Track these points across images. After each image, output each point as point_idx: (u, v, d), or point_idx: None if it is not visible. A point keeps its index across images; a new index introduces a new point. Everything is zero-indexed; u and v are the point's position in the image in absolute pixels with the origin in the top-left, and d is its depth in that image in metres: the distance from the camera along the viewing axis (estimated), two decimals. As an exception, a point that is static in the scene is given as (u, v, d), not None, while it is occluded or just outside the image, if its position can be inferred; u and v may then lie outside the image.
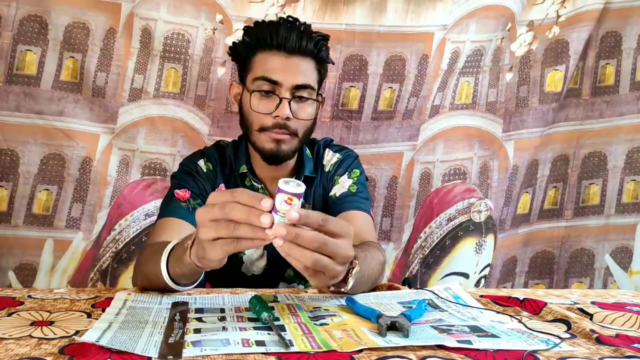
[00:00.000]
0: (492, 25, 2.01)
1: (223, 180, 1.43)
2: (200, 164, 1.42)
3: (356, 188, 1.43)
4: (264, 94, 1.31)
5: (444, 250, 2.14)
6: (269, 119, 1.31)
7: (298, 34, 1.32)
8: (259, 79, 1.31)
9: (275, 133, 1.31)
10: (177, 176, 1.41)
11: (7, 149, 1.82)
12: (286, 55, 1.32)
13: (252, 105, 1.32)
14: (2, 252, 1.85)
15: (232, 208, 0.79)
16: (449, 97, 2.07)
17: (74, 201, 1.90)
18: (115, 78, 1.86)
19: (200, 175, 1.39)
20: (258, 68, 1.33)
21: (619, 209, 2.24)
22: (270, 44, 1.32)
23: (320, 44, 1.35)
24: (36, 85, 1.80)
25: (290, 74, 1.31)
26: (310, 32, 1.34)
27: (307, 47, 1.33)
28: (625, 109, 2.18)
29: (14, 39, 1.76)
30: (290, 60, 1.32)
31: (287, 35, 1.31)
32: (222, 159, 1.46)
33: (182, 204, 1.32)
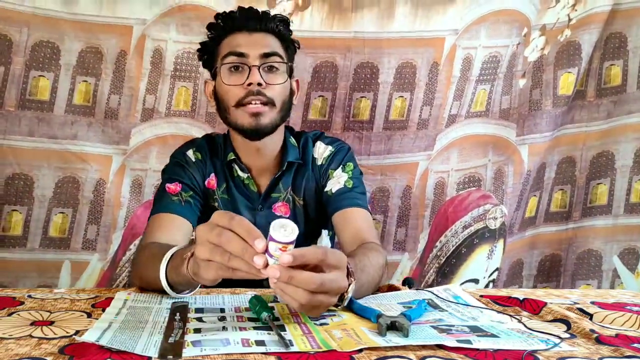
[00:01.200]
0: (504, 31, 2.00)
1: (213, 170, 1.42)
2: (189, 154, 1.42)
3: (352, 183, 1.41)
4: (234, 69, 1.32)
5: (460, 258, 2.13)
6: (242, 90, 1.31)
7: (257, 16, 1.36)
8: (227, 56, 1.33)
9: (252, 106, 1.30)
10: (167, 170, 1.41)
11: (20, 174, 1.84)
12: (249, 33, 1.34)
13: (224, 79, 1.33)
14: (18, 276, 1.87)
15: (228, 239, 0.78)
16: (466, 106, 2.06)
17: (89, 223, 1.92)
18: (128, 99, 1.88)
19: (189, 165, 1.40)
20: (224, 49, 1.35)
21: (627, 209, 2.23)
22: (232, 27, 1.35)
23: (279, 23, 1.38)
24: (49, 110, 1.83)
25: (255, 45, 1.32)
26: (268, 14, 1.38)
27: (268, 25, 1.35)
28: (633, 107, 2.16)
29: (26, 64, 1.78)
30: (254, 35, 1.34)
31: (246, 17, 1.35)
32: (212, 148, 1.45)
33: (173, 198, 1.33)
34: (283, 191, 1.42)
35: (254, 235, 0.78)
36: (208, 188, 1.42)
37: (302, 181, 1.44)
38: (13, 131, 1.80)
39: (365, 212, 1.38)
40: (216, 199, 1.41)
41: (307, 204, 1.45)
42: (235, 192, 1.42)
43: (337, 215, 1.37)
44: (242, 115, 1.32)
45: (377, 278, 1.13)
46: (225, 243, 0.78)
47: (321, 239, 1.54)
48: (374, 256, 1.14)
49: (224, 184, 1.42)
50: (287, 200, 1.43)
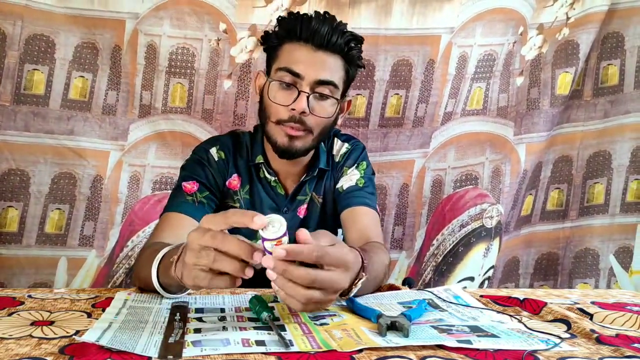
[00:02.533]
0: (500, 29, 2.00)
1: (236, 170, 1.40)
2: (212, 152, 1.39)
3: (363, 182, 1.40)
4: (284, 86, 1.27)
5: (457, 257, 2.14)
6: (286, 111, 1.27)
7: (329, 29, 1.26)
8: (282, 70, 1.27)
9: (289, 128, 1.27)
10: (186, 166, 1.38)
11: (16, 169, 1.83)
12: (313, 49, 1.27)
13: (270, 95, 1.28)
14: (14, 272, 1.86)
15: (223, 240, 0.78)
16: (461, 104, 2.06)
17: (86, 219, 1.91)
18: (125, 95, 1.87)
19: (210, 165, 1.37)
20: (282, 59, 1.29)
21: (623, 208, 2.24)
22: (299, 35, 1.27)
23: (351, 43, 1.30)
24: (45, 105, 1.81)
25: (314, 68, 1.26)
26: (342, 30, 1.29)
27: (336, 43, 1.27)
28: (630, 107, 2.18)
29: (21, 58, 1.77)
30: (316, 54, 1.27)
31: (317, 29, 1.26)
32: (237, 147, 1.42)
33: (188, 197, 1.30)
34: (308, 193, 1.42)
35: (250, 214, 0.77)
36: (229, 188, 1.39)
37: (323, 182, 1.44)
38: (8, 126, 1.79)
39: (373, 212, 1.37)
40: (238, 199, 1.39)
41: (325, 202, 1.44)
42: (261, 193, 1.40)
43: (345, 212, 1.36)
44: (278, 133, 1.29)
45: (381, 276, 1.14)
46: (221, 244, 0.78)
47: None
48: (379, 254, 1.14)
49: (248, 184, 1.40)
50: (311, 200, 1.43)
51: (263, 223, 0.76)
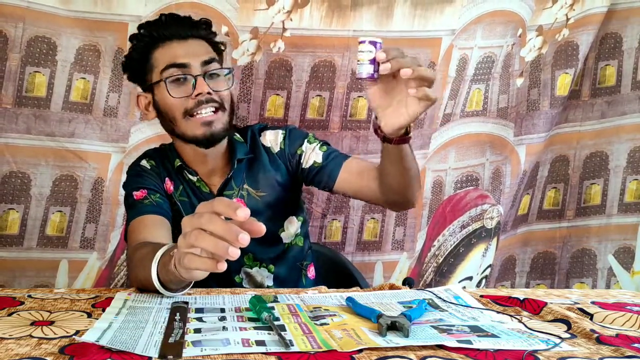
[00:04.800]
0: (500, 31, 2.00)
1: (167, 175, 1.41)
2: (143, 163, 1.42)
3: (326, 148, 1.42)
4: (179, 81, 1.30)
5: (458, 257, 2.14)
6: (190, 101, 1.29)
7: (183, 23, 1.35)
8: (167, 68, 1.30)
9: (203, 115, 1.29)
10: (127, 183, 1.40)
11: (17, 172, 1.82)
12: (181, 41, 1.33)
13: (171, 92, 1.29)
14: (15, 275, 1.85)
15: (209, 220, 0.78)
16: (460, 105, 2.07)
17: (88, 222, 1.90)
18: (127, 98, 1.86)
19: (146, 173, 1.39)
20: (161, 61, 1.32)
21: (622, 208, 2.24)
22: (163, 37, 1.33)
23: (205, 27, 1.38)
24: (46, 107, 1.80)
25: (193, 53, 1.31)
26: (192, 19, 1.37)
27: (197, 32, 1.35)
28: (627, 108, 2.18)
29: (22, 60, 1.76)
30: (187, 43, 1.33)
31: (176, 24, 1.34)
32: (162, 155, 1.45)
33: (144, 201, 1.32)
34: (236, 188, 1.40)
35: (234, 206, 0.77)
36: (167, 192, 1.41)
37: (257, 173, 1.42)
38: (10, 128, 1.78)
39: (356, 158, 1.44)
40: (175, 202, 1.40)
41: (268, 194, 1.42)
42: (191, 194, 1.40)
43: (340, 177, 1.38)
44: (193, 126, 1.30)
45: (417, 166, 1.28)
46: (207, 224, 0.77)
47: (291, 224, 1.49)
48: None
49: (180, 186, 1.41)
50: (241, 196, 1.41)
51: (246, 216, 0.76)
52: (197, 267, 0.81)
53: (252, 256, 1.41)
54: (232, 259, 0.76)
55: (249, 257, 1.41)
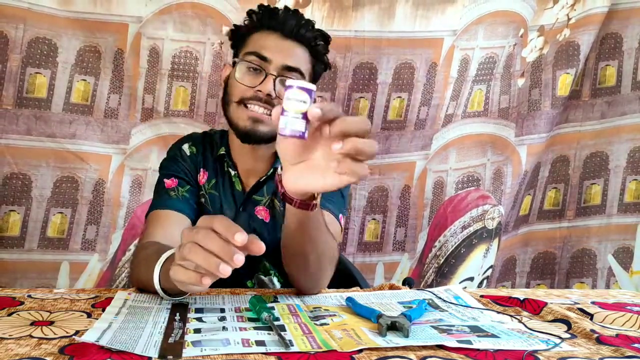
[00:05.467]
0: (501, 32, 2.01)
1: (203, 165, 1.38)
2: (184, 148, 1.39)
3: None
4: (252, 70, 1.27)
5: (459, 258, 2.14)
6: (250, 91, 1.25)
7: (297, 21, 1.29)
8: (250, 54, 1.27)
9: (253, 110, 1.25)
10: (163, 165, 1.38)
11: (18, 173, 1.82)
12: (281, 37, 1.28)
13: (237, 76, 1.27)
14: (16, 277, 1.86)
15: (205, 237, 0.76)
16: (462, 106, 2.07)
17: (89, 223, 1.91)
18: (127, 99, 1.87)
19: (184, 160, 1.37)
20: (251, 45, 1.30)
21: (621, 208, 2.24)
22: (269, 24, 1.29)
23: (319, 39, 1.32)
24: (47, 108, 1.81)
25: (282, 54, 1.26)
26: (310, 23, 1.31)
27: (304, 35, 1.29)
28: (627, 108, 2.18)
29: (23, 61, 1.76)
30: (285, 42, 1.28)
31: (285, 19, 1.28)
32: (208, 142, 1.41)
33: (171, 193, 1.30)
34: (267, 196, 1.36)
35: (233, 230, 0.75)
36: (198, 183, 1.38)
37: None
38: (10, 130, 1.78)
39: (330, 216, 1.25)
40: (203, 194, 1.37)
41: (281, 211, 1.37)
42: (223, 188, 1.37)
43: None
44: (241, 115, 1.27)
45: (333, 243, 1.08)
46: (203, 240, 0.76)
47: None
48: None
49: (214, 179, 1.38)
50: (269, 206, 1.37)
51: (243, 241, 0.75)
52: (181, 280, 0.80)
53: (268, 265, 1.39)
54: (223, 276, 0.75)
55: (264, 266, 1.39)
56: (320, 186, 0.84)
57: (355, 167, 0.78)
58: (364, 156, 0.78)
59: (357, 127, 0.77)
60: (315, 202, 0.92)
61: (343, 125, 0.77)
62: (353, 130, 0.77)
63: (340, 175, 0.80)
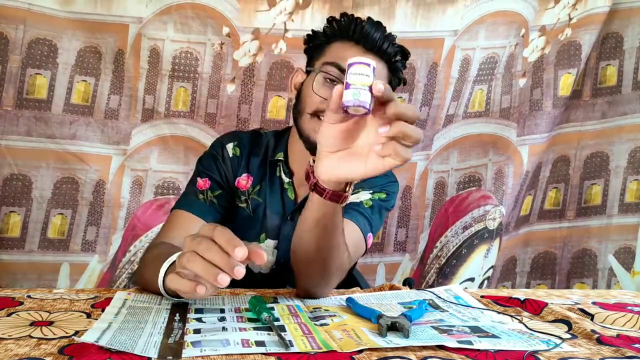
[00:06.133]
0: (502, 32, 2.00)
1: (247, 170, 1.33)
2: (228, 148, 1.34)
3: (370, 204, 1.26)
4: (329, 81, 1.21)
5: (460, 259, 2.14)
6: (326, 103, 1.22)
7: (381, 35, 1.23)
8: (330, 64, 1.22)
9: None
10: (202, 160, 1.34)
11: (18, 174, 1.83)
12: (363, 50, 1.22)
13: (314, 86, 1.21)
14: (16, 278, 1.86)
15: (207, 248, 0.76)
16: (462, 106, 2.06)
17: (89, 224, 1.91)
18: (128, 100, 1.87)
19: (224, 161, 1.32)
20: (331, 55, 1.25)
21: (622, 208, 2.24)
22: (351, 36, 1.24)
23: (399, 55, 1.27)
24: (47, 110, 1.81)
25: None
26: (393, 38, 1.26)
27: (386, 50, 1.24)
28: (627, 108, 2.18)
29: (23, 62, 1.76)
30: (366, 55, 1.21)
31: (369, 32, 1.22)
32: (255, 145, 1.36)
33: (200, 195, 1.27)
34: None
35: (234, 243, 0.75)
36: (237, 187, 1.34)
37: None
38: (11, 131, 1.79)
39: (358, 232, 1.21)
40: (245, 200, 1.33)
41: None
42: (271, 195, 1.33)
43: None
44: (314, 127, 1.20)
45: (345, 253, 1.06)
46: (204, 251, 0.76)
47: None
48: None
49: (259, 185, 1.34)
50: None
51: (243, 256, 0.75)
52: (176, 288, 0.80)
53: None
54: (222, 286, 0.75)
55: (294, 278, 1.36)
56: (362, 172, 0.85)
57: (399, 149, 0.79)
58: (410, 140, 0.79)
59: (410, 113, 0.79)
60: (346, 194, 0.92)
61: (397, 108, 0.78)
62: (406, 115, 0.78)
63: (383, 159, 0.81)
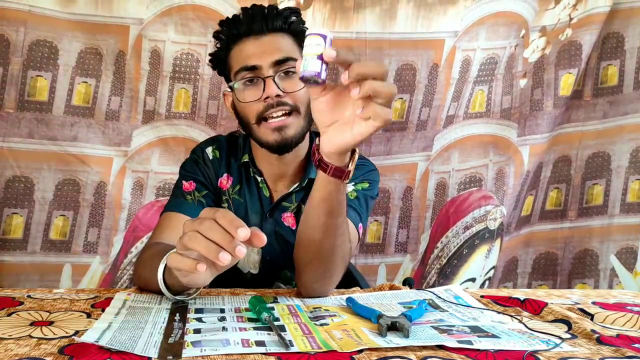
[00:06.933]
0: (503, 33, 2.00)
1: (227, 170, 1.36)
2: (208, 151, 1.37)
3: (355, 195, 1.28)
4: (248, 83, 1.23)
5: (461, 259, 2.14)
6: (261, 105, 1.22)
7: (261, 15, 1.25)
8: (238, 72, 1.24)
9: (274, 120, 1.21)
10: (185, 165, 1.36)
11: (20, 176, 1.83)
12: (256, 38, 1.24)
13: (240, 97, 1.23)
14: (19, 279, 1.86)
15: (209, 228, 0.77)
16: (463, 107, 2.06)
17: (90, 226, 1.91)
18: (129, 101, 1.87)
19: (205, 163, 1.35)
20: (235, 62, 1.26)
21: (624, 208, 2.23)
22: (238, 34, 1.26)
23: (291, 17, 1.27)
24: (48, 111, 1.81)
25: (265, 53, 1.22)
26: (274, 9, 1.27)
27: (275, 24, 1.25)
28: (629, 108, 2.18)
29: (24, 64, 1.77)
30: (261, 40, 1.24)
31: (250, 20, 1.24)
32: (232, 147, 1.39)
33: (187, 197, 1.29)
34: (295, 202, 1.34)
35: (236, 224, 0.76)
36: (220, 188, 1.36)
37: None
38: (12, 133, 1.79)
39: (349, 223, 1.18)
40: (227, 199, 1.36)
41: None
42: (249, 194, 1.35)
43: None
44: (265, 131, 1.23)
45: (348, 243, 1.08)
46: (206, 231, 0.77)
47: None
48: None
49: (238, 185, 1.36)
50: (296, 213, 1.35)
51: (246, 236, 0.76)
52: (177, 267, 0.81)
53: (289, 274, 1.37)
54: (222, 264, 0.76)
55: (285, 274, 1.38)
56: (351, 138, 0.87)
57: (377, 109, 0.82)
58: (382, 98, 0.81)
59: (373, 70, 0.80)
60: (349, 169, 0.94)
61: (360, 68, 0.79)
62: (370, 73, 0.80)
63: (366, 122, 0.84)
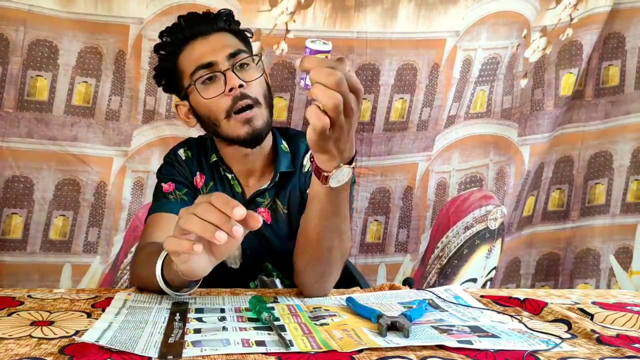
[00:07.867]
0: (504, 33, 2.00)
1: (199, 169, 1.38)
2: (180, 153, 1.39)
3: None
4: (207, 81, 1.24)
5: (461, 259, 2.13)
6: (227, 99, 1.23)
7: (203, 18, 1.29)
8: (195, 72, 1.25)
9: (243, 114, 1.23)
10: (161, 170, 1.38)
11: (20, 176, 1.83)
12: (204, 38, 1.27)
13: (203, 95, 1.24)
14: (18, 279, 1.86)
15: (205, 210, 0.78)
16: (464, 107, 2.06)
17: (90, 226, 1.91)
18: (129, 101, 1.87)
19: (180, 164, 1.36)
20: (187, 65, 1.27)
21: (623, 208, 2.24)
22: (185, 37, 1.28)
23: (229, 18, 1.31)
24: (48, 111, 1.81)
25: (218, 49, 1.25)
26: (210, 13, 1.31)
27: (218, 24, 1.29)
28: (630, 107, 2.17)
29: (24, 64, 1.76)
30: (209, 39, 1.27)
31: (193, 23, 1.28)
32: (201, 147, 1.41)
33: (169, 197, 1.30)
34: (268, 198, 1.35)
35: (232, 204, 0.78)
36: (195, 186, 1.38)
37: (289, 190, 1.36)
38: (12, 133, 1.79)
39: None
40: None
41: (290, 213, 1.36)
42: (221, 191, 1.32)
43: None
44: (234, 125, 1.24)
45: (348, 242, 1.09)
46: (202, 213, 0.78)
47: None
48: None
49: (211, 182, 1.37)
50: (271, 208, 1.35)
51: (242, 215, 0.77)
52: (173, 249, 0.81)
53: (270, 267, 1.38)
54: (219, 242, 0.77)
55: (266, 267, 1.38)
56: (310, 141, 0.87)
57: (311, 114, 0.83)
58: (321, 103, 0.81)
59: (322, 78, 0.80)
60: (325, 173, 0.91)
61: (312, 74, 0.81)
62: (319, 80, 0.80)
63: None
